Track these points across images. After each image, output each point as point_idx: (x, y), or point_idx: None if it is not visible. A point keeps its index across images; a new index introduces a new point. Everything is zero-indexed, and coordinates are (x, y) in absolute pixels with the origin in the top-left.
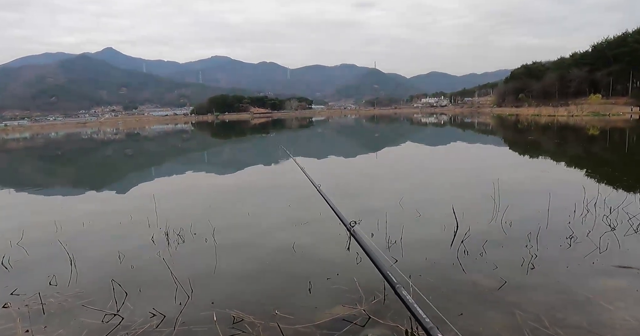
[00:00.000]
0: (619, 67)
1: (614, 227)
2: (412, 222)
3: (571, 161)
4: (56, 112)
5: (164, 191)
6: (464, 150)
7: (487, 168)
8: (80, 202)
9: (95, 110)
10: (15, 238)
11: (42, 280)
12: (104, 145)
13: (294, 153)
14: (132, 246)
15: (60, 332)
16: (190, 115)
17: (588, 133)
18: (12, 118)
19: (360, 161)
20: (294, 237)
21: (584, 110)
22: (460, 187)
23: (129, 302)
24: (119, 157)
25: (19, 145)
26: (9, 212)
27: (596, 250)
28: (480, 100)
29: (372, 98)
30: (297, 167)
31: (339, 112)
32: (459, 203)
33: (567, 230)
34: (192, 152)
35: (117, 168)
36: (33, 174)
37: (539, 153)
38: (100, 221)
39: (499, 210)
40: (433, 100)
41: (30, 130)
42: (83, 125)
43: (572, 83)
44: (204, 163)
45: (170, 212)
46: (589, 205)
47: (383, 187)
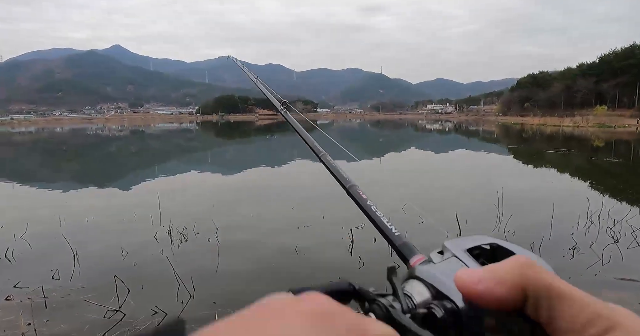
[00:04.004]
0: (626, 78)
1: (617, 239)
2: (415, 228)
3: (575, 172)
4: (62, 107)
5: (168, 189)
6: (468, 157)
7: (491, 176)
8: (84, 197)
9: (101, 106)
10: (19, 231)
11: (45, 273)
12: (109, 141)
13: (298, 155)
14: (135, 242)
15: (62, 326)
16: (195, 114)
17: (593, 144)
18: (19, 112)
19: (364, 166)
20: (297, 238)
21: (590, 121)
22: (463, 195)
23: (131, 299)
24: (123, 154)
25: (24, 138)
26: (13, 206)
27: (599, 261)
28: (485, 108)
29: (377, 103)
30: (299, 169)
31: (344, 115)
32: (462, 210)
33: (570, 241)
34: (196, 151)
35: (121, 165)
36: (37, 168)
37: (543, 163)
38: (103, 216)
39: (502, 219)
40: (438, 107)
41: (36, 125)
42: (89, 121)
43: (578, 93)
44: (208, 162)
45: (173, 210)
46: (593, 217)
47: (386, 192)
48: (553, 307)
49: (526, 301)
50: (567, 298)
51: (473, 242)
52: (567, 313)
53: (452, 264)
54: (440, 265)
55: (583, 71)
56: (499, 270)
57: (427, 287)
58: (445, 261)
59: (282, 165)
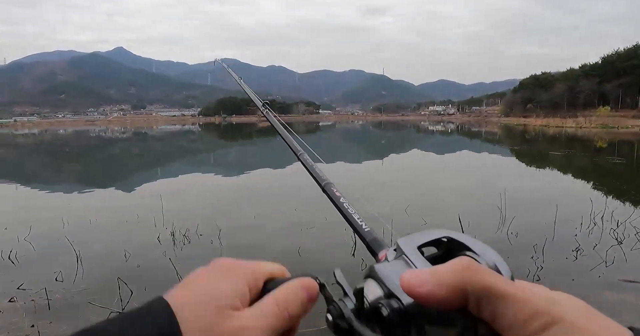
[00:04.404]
0: (629, 79)
1: (620, 240)
2: (418, 229)
3: (578, 173)
4: (65, 109)
5: (171, 191)
6: (470, 159)
7: (493, 177)
8: (87, 199)
9: (104, 108)
10: (23, 233)
11: (49, 275)
12: (112, 143)
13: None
14: (138, 245)
15: (65, 328)
16: (198, 116)
17: (596, 145)
18: (22, 114)
19: (366, 167)
20: (299, 241)
21: (593, 122)
22: (466, 196)
23: (135, 301)
24: (126, 156)
25: (27, 140)
26: (17, 207)
27: (602, 263)
28: (487, 110)
29: (379, 105)
30: (301, 170)
31: (346, 117)
32: (465, 212)
33: (573, 242)
34: (198, 153)
35: (124, 167)
36: (40, 170)
37: (546, 164)
38: (106, 218)
39: (505, 220)
40: (440, 108)
41: (39, 127)
42: (92, 123)
43: (581, 94)
44: (211, 164)
45: (176, 212)
46: (596, 218)
47: (389, 194)
48: (494, 306)
49: (468, 301)
50: (507, 297)
51: (426, 237)
52: (508, 311)
53: (401, 263)
54: (391, 264)
55: (586, 72)
56: (441, 273)
57: (380, 285)
58: (395, 260)
59: (285, 167)
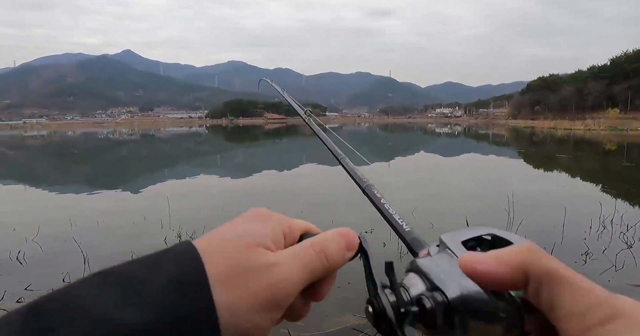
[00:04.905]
0: (638, 81)
1: (630, 244)
2: (425, 232)
3: (587, 176)
4: (74, 111)
5: (177, 192)
6: (478, 161)
7: (501, 180)
8: (94, 200)
9: (112, 110)
10: (31, 234)
11: (56, 276)
12: (119, 145)
13: (307, 159)
14: (145, 246)
15: None
16: (205, 118)
17: (605, 148)
18: (31, 116)
19: (373, 169)
20: None
21: (601, 124)
22: (474, 199)
23: None
24: (134, 158)
25: (36, 142)
26: (25, 208)
27: (612, 267)
28: (495, 112)
29: (386, 107)
30: (308, 173)
31: (353, 119)
32: (472, 215)
33: (582, 246)
34: (205, 155)
35: (131, 169)
36: (49, 171)
37: (555, 167)
38: (114, 220)
39: (513, 223)
40: (447, 111)
41: (48, 128)
42: (100, 124)
43: (589, 96)
44: (217, 166)
45: (183, 214)
46: (605, 222)
47: (395, 196)
48: (554, 292)
49: (527, 285)
50: (568, 282)
51: (470, 234)
52: (567, 298)
53: (445, 256)
54: (434, 258)
55: (594, 73)
56: (504, 253)
57: (422, 279)
58: (439, 254)
59: (291, 169)
